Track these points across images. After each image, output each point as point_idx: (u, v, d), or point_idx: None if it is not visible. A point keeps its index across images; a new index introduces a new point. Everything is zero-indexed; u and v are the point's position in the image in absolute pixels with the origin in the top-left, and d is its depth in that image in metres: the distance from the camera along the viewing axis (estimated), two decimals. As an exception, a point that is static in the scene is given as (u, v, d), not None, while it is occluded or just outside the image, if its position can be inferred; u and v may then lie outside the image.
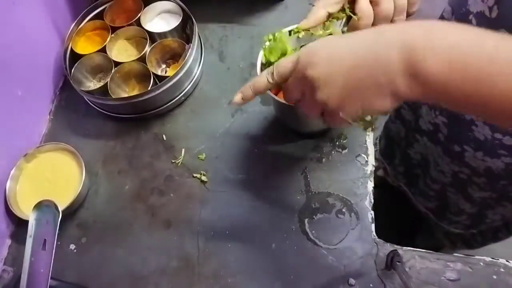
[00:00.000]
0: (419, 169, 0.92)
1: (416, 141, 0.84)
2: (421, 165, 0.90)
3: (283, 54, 0.54)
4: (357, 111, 0.39)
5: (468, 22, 0.56)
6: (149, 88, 0.72)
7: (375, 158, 1.15)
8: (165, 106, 0.75)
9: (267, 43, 0.55)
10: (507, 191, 0.71)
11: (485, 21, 0.53)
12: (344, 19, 0.51)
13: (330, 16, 0.50)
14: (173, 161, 0.72)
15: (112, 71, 0.74)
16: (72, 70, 0.75)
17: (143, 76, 0.76)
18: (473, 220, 0.88)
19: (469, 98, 0.34)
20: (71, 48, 0.77)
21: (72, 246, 0.67)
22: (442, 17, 0.66)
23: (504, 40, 0.33)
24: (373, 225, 0.63)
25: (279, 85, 0.46)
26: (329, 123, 0.44)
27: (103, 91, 0.74)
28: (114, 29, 0.78)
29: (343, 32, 0.51)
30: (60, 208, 0.59)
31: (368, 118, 0.45)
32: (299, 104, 0.45)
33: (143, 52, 0.75)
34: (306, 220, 0.64)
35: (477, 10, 0.54)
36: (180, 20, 0.77)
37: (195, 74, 0.77)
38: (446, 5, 0.66)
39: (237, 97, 0.48)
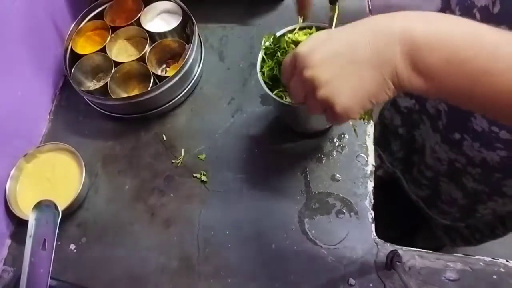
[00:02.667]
0: (416, 155, 0.92)
1: (423, 123, 0.84)
2: (418, 151, 0.90)
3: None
4: (362, 107, 0.40)
5: (472, 16, 0.56)
6: (149, 88, 0.72)
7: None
8: (165, 106, 0.75)
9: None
10: (500, 185, 0.72)
11: (488, 16, 0.53)
12: None
13: None
14: (173, 161, 0.72)
15: (112, 71, 0.74)
16: (72, 70, 0.75)
17: (143, 76, 0.76)
18: (463, 212, 0.88)
19: (468, 95, 0.35)
20: (71, 48, 0.77)
21: (72, 246, 0.67)
22: (447, 6, 0.65)
23: (503, 37, 0.34)
24: (373, 225, 0.63)
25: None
26: (331, 121, 0.43)
27: (103, 91, 0.74)
28: (114, 29, 0.78)
29: None
30: (60, 208, 0.59)
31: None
32: (305, 103, 0.44)
33: (143, 52, 0.75)
34: (306, 220, 0.64)
35: (482, 4, 0.54)
36: (180, 20, 0.77)
37: (195, 74, 0.77)
38: None
39: None
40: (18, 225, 0.70)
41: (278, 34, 0.62)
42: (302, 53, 0.40)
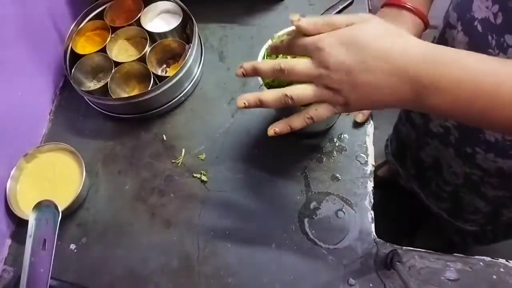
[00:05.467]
0: (431, 171, 0.92)
1: (427, 144, 0.84)
2: (433, 168, 0.90)
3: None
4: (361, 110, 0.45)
5: (474, 28, 0.56)
6: (149, 88, 0.72)
7: (388, 160, 1.16)
8: (165, 106, 0.75)
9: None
10: None
11: (490, 27, 0.53)
12: None
13: None
14: (173, 161, 0.72)
15: (112, 71, 0.74)
16: (72, 70, 0.75)
17: (143, 76, 0.76)
18: (488, 218, 0.88)
19: (473, 123, 0.40)
20: (71, 48, 0.77)
21: (72, 246, 0.67)
22: (448, 23, 0.65)
23: (507, 76, 0.37)
24: (373, 225, 0.63)
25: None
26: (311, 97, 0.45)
27: (103, 91, 0.74)
28: (114, 29, 0.78)
29: None
30: (60, 208, 0.59)
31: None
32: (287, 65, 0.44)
33: (143, 52, 0.75)
34: (306, 220, 0.64)
35: (482, 16, 0.54)
36: (180, 20, 0.77)
37: (195, 74, 0.77)
38: (450, 11, 0.65)
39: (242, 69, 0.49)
40: (18, 225, 0.70)
41: (278, 34, 0.62)
42: (351, 36, 0.41)
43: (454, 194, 0.87)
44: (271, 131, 0.48)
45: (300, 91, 0.44)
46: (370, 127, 0.70)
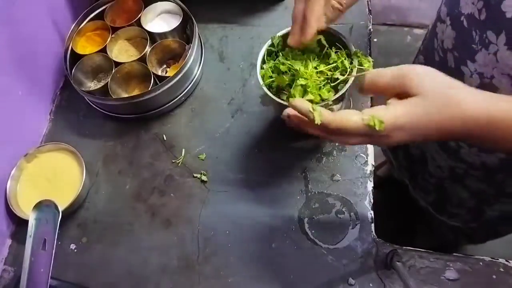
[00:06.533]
0: (419, 164, 0.93)
1: None
2: (420, 161, 0.91)
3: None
4: None
5: (460, 23, 0.58)
6: (149, 88, 0.72)
7: (383, 152, 1.16)
8: (165, 106, 0.75)
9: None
10: (504, 185, 0.72)
11: (474, 23, 0.55)
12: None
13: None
14: (173, 161, 0.72)
15: (113, 71, 0.74)
16: (73, 71, 0.75)
17: (144, 76, 0.76)
18: (472, 214, 0.89)
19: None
20: (72, 49, 0.77)
21: (73, 246, 0.67)
22: (439, 17, 0.67)
23: None
24: (372, 225, 0.63)
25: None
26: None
27: (104, 91, 0.74)
28: (114, 30, 0.78)
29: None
30: (60, 208, 0.59)
31: None
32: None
33: (143, 53, 0.75)
34: (306, 220, 0.64)
35: (468, 12, 0.56)
36: (180, 21, 0.77)
37: (195, 74, 0.77)
38: (442, 5, 0.67)
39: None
40: (19, 225, 0.70)
41: (280, 33, 0.62)
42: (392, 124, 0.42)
43: (439, 186, 0.88)
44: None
45: (344, 141, 0.46)
46: (370, 127, 0.70)
